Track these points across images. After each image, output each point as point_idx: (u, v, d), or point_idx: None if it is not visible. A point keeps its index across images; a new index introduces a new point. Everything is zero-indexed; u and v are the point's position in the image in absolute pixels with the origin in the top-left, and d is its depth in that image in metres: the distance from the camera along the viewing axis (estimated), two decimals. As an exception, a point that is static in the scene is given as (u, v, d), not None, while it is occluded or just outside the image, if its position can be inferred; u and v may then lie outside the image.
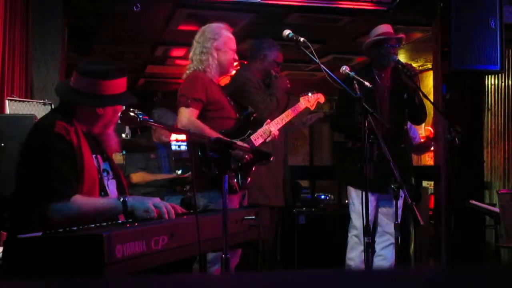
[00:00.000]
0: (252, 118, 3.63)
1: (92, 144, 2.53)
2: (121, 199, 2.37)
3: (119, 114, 2.54)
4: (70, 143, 2.37)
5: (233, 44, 3.61)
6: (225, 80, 3.99)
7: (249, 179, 3.54)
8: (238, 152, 3.32)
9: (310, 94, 3.97)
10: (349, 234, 4.11)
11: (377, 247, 4.12)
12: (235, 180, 3.44)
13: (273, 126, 3.64)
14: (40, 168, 2.34)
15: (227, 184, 2.30)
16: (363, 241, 4.02)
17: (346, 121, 4.01)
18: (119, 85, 2.51)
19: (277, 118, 3.70)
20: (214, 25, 3.62)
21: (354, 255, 4.06)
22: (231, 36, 3.63)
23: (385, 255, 4.03)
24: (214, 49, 3.51)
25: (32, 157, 2.39)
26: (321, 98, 4.03)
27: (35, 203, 2.31)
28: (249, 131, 3.56)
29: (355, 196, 4.07)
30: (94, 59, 2.65)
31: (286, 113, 3.79)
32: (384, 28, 4.14)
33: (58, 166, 2.32)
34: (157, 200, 2.43)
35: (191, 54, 3.60)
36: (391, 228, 3.78)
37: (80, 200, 2.31)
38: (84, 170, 2.38)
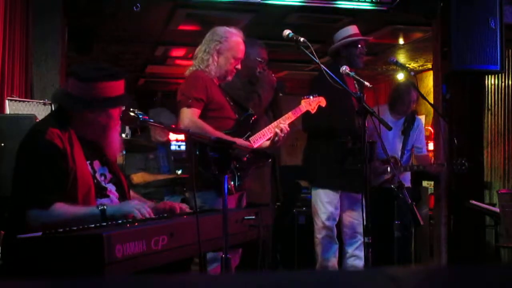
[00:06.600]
0: (252, 119, 3.61)
1: (88, 149, 2.50)
2: (100, 207, 2.35)
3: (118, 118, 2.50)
4: (61, 151, 2.35)
5: (238, 53, 3.52)
6: None
7: (246, 180, 3.52)
8: (238, 151, 3.30)
9: (311, 97, 3.83)
10: (319, 236, 4.13)
11: (350, 248, 4.16)
12: (232, 182, 3.41)
13: (281, 123, 3.56)
14: (24, 173, 2.36)
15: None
16: (337, 240, 4.07)
17: (327, 124, 4.02)
18: (112, 88, 2.45)
19: (279, 119, 3.62)
20: (225, 29, 3.56)
21: (330, 255, 4.10)
22: (240, 44, 3.54)
23: (359, 255, 4.07)
24: (216, 51, 3.48)
25: (21, 162, 2.40)
26: (322, 101, 3.86)
27: (18, 208, 2.33)
28: (249, 133, 3.54)
29: (324, 197, 4.09)
30: (87, 63, 2.59)
31: (287, 115, 3.69)
32: (355, 29, 4.19)
33: (42, 173, 2.32)
34: (135, 202, 2.45)
35: (197, 50, 3.59)
36: (360, 228, 3.81)
37: (59, 208, 2.30)
38: (78, 177, 2.37)
